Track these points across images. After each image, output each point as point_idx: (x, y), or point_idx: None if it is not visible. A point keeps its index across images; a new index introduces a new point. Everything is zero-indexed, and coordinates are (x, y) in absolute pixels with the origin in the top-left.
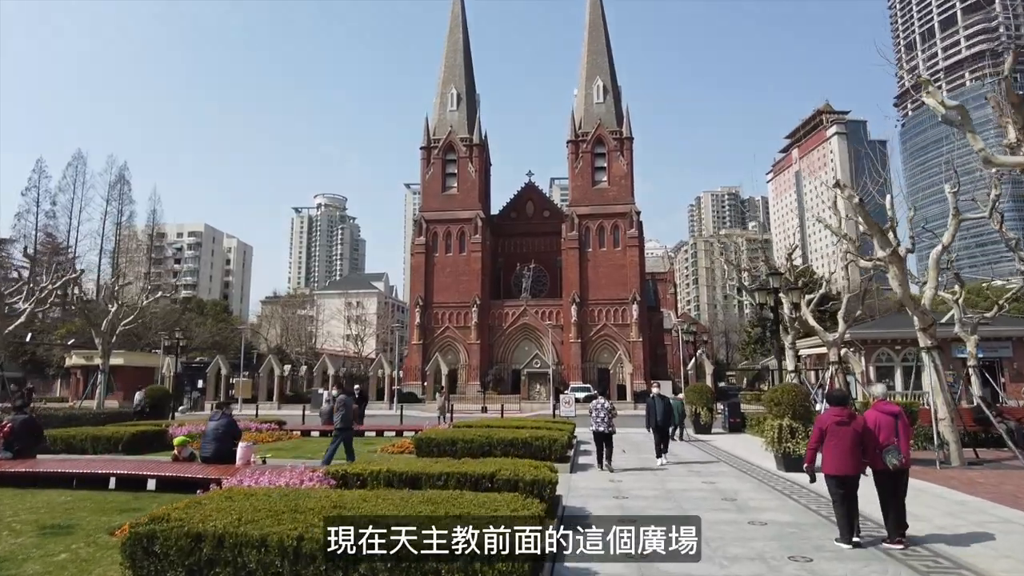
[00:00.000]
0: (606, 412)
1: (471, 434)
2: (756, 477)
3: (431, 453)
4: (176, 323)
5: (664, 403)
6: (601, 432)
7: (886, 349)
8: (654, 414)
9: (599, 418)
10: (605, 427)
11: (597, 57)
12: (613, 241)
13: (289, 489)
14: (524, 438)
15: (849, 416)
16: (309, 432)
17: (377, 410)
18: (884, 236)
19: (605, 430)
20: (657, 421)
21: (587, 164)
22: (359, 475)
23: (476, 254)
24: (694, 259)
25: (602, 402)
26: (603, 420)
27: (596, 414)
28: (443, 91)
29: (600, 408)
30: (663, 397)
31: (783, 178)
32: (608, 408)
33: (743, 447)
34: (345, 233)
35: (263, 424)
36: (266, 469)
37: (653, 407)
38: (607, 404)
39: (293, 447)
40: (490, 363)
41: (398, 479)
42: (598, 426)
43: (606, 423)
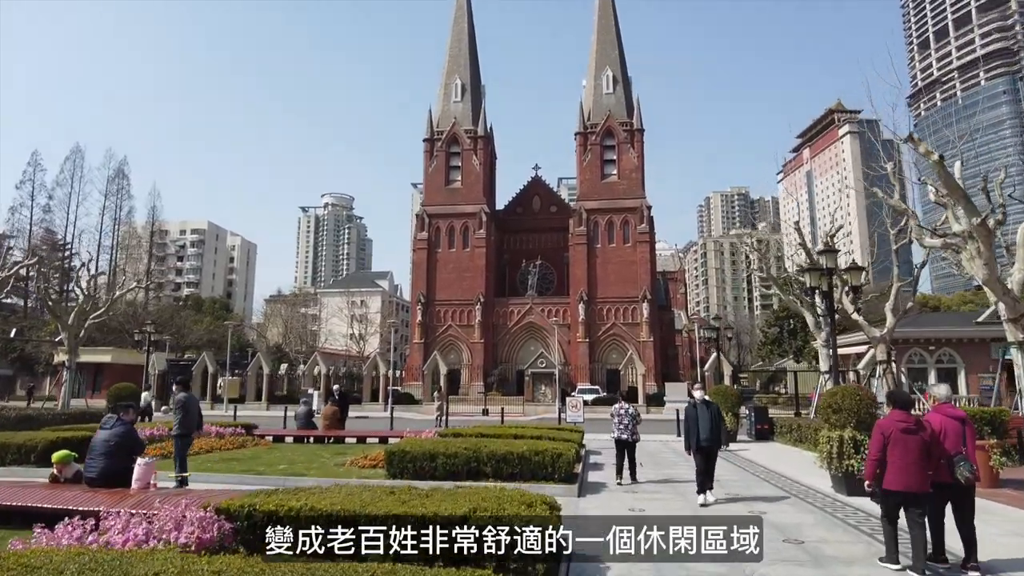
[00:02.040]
0: (630, 418)
1: (457, 446)
2: (814, 504)
3: (403, 472)
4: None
5: (711, 413)
6: (624, 440)
7: (918, 349)
8: (695, 429)
9: (622, 424)
10: (628, 435)
11: (607, 47)
12: (623, 237)
13: (114, 554)
14: (521, 452)
15: (916, 423)
16: (283, 438)
17: (371, 412)
18: (970, 203)
19: (628, 438)
20: (700, 439)
21: (596, 157)
22: (270, 515)
23: (480, 250)
24: (703, 259)
25: (625, 407)
26: (626, 427)
27: (619, 420)
28: (447, 81)
29: (623, 413)
30: (708, 404)
31: (794, 178)
32: (632, 414)
33: (782, 460)
34: (352, 233)
35: (227, 428)
36: (150, 498)
37: (695, 419)
38: (631, 409)
39: (250, 457)
40: (494, 363)
41: (324, 520)
42: (620, 433)
43: (629, 430)
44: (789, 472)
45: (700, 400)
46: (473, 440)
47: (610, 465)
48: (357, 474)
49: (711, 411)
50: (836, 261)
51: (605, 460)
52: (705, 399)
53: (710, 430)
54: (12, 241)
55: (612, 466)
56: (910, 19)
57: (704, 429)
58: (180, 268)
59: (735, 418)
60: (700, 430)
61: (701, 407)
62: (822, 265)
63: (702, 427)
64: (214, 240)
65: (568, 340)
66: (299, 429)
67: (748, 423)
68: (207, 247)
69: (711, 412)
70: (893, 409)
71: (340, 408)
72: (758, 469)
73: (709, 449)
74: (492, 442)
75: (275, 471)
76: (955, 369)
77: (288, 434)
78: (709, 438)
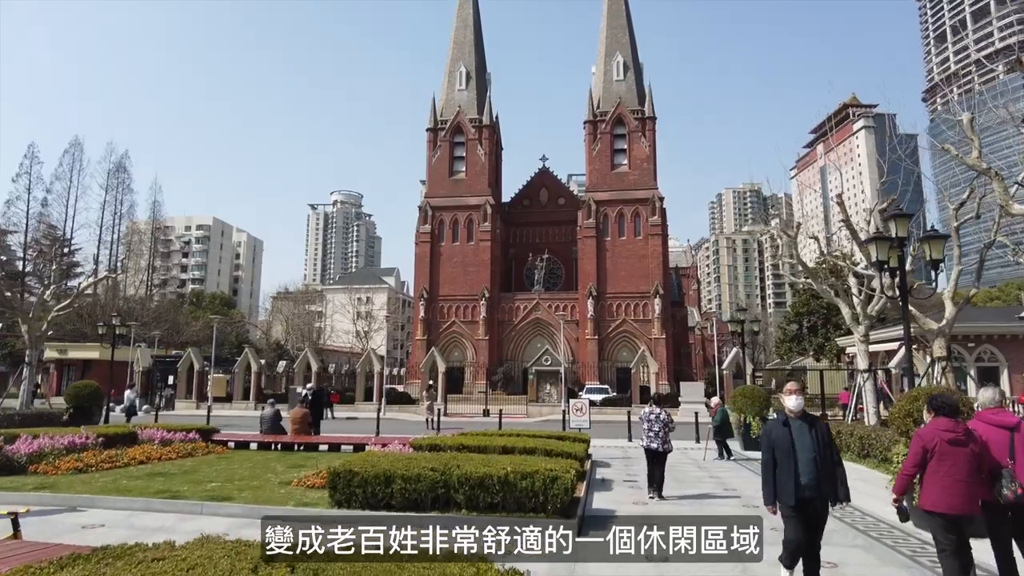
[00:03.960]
0: (661, 425)
1: (421, 466)
2: (883, 541)
3: (351, 499)
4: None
5: (818, 437)
6: (654, 450)
7: (955, 347)
8: (790, 467)
9: (652, 432)
10: (660, 444)
11: (617, 32)
12: (634, 229)
13: None
14: (504, 475)
15: (966, 432)
16: (248, 444)
17: (364, 412)
18: None
19: (660, 448)
20: (800, 485)
21: (606, 146)
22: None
23: (485, 243)
24: (716, 256)
25: (656, 411)
26: (657, 434)
27: (649, 426)
28: (451, 69)
29: (654, 419)
30: (812, 422)
31: (807, 174)
32: (665, 420)
33: None
34: (361, 230)
35: (177, 433)
36: None
37: (788, 448)
38: (663, 414)
39: (185, 470)
40: (499, 361)
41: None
42: (650, 442)
43: (661, 438)
44: None
45: (795, 412)
46: (447, 457)
47: (621, 483)
48: (299, 498)
49: (817, 435)
50: (907, 229)
51: (616, 474)
52: (804, 412)
53: (817, 469)
54: (9, 237)
55: (624, 484)
56: (927, 12)
57: (807, 468)
58: (185, 264)
59: (763, 422)
60: (799, 471)
61: (799, 427)
62: (891, 234)
63: (802, 464)
64: (219, 236)
65: (576, 337)
66: (264, 434)
67: None
68: (212, 243)
69: (817, 437)
70: (936, 416)
71: (314, 410)
72: None
73: (815, 507)
74: (470, 460)
75: (199, 492)
76: (997, 368)
77: (253, 439)
78: (815, 484)
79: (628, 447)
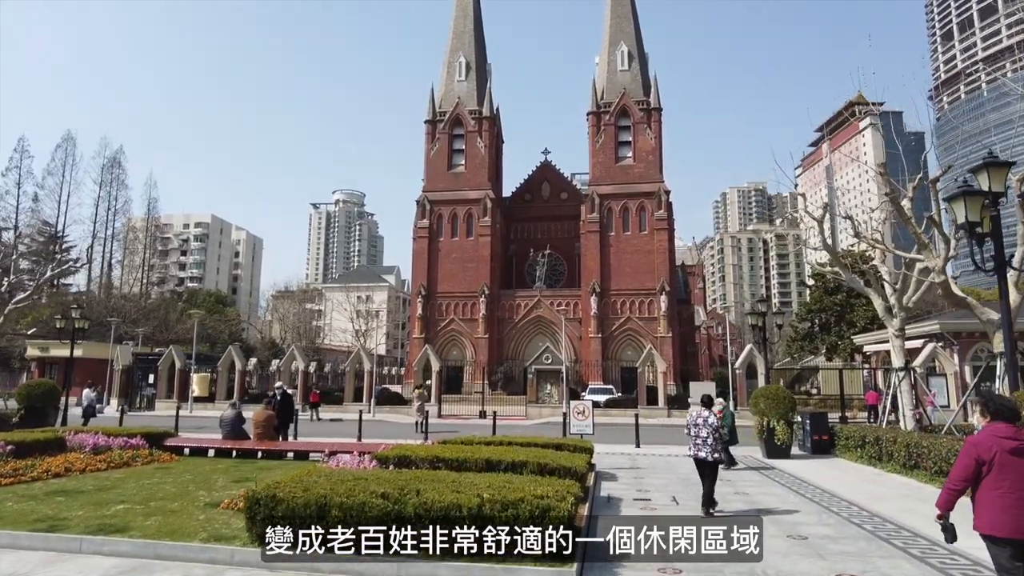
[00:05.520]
0: (710, 430)
1: (367, 493)
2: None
3: None
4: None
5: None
6: (703, 459)
7: (986, 345)
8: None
9: (699, 439)
10: (709, 452)
11: (621, 21)
12: (639, 224)
13: None
14: (478, 505)
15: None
16: (206, 450)
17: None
18: None
19: (708, 456)
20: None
21: (610, 138)
22: None
23: (485, 238)
24: (720, 255)
25: (704, 415)
26: (705, 441)
27: (695, 432)
28: (450, 60)
29: (701, 423)
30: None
31: (812, 173)
32: (713, 424)
33: (863, 488)
34: (363, 229)
35: (118, 439)
36: None
37: None
38: (711, 418)
39: (100, 487)
40: (499, 360)
41: None
42: (698, 450)
43: (710, 446)
44: (879, 508)
45: None
46: (408, 477)
47: (631, 502)
48: (216, 529)
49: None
50: (1007, 181)
51: (624, 490)
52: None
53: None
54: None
55: (636, 504)
56: (933, 10)
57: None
58: (183, 263)
59: (788, 427)
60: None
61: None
62: (985, 188)
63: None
64: (218, 234)
65: (579, 335)
66: (225, 439)
67: (803, 433)
68: (211, 241)
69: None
70: (993, 421)
71: (282, 412)
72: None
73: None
74: (437, 482)
75: (92, 520)
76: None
77: (211, 444)
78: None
79: (637, 455)
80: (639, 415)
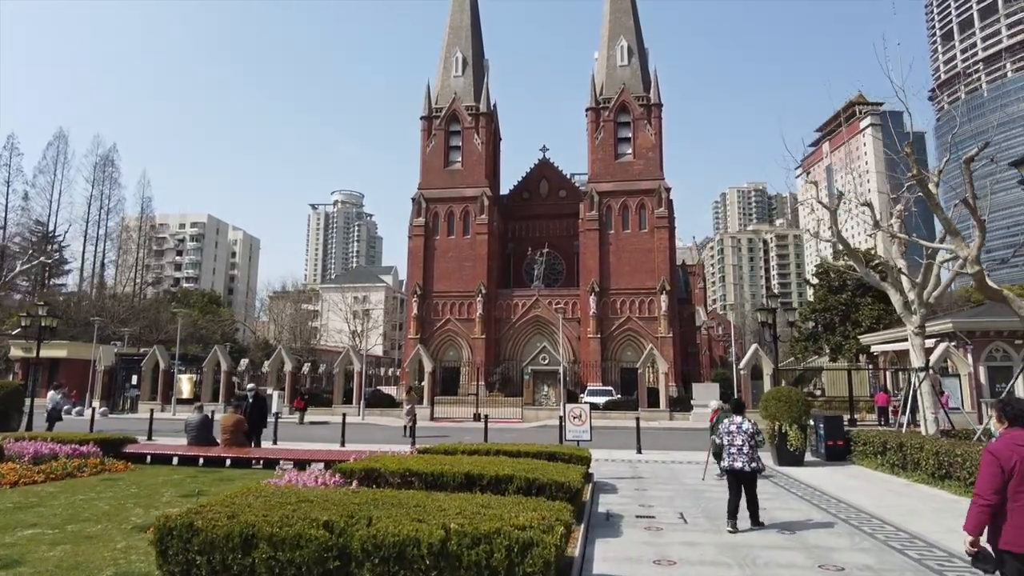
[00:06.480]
0: (746, 438)
1: (311, 516)
2: None
3: (188, 572)
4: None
5: None
6: (739, 470)
7: (1001, 344)
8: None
9: (735, 447)
10: (745, 462)
11: (621, 16)
12: (639, 222)
13: None
14: (442, 540)
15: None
16: (170, 458)
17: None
18: None
19: (745, 467)
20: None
21: (609, 135)
22: None
23: (482, 237)
24: (720, 255)
25: (738, 421)
26: (740, 450)
27: (730, 440)
28: (447, 55)
29: (735, 430)
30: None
31: (812, 173)
32: (749, 430)
33: (891, 502)
34: (362, 230)
35: (68, 445)
36: None
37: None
38: (747, 424)
39: (11, 508)
40: (497, 361)
41: None
42: (733, 460)
43: (747, 455)
44: (931, 533)
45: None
46: (363, 499)
47: (633, 520)
48: (132, 564)
49: None
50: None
51: (625, 505)
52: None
53: None
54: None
55: (639, 522)
56: (933, 9)
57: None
58: (179, 263)
59: (802, 432)
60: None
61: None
62: None
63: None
64: (214, 234)
65: (578, 336)
66: (190, 445)
67: (816, 438)
68: (207, 241)
69: None
70: (1009, 428)
71: (253, 416)
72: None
73: None
74: (396, 506)
75: None
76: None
77: (176, 452)
78: None
79: (638, 461)
80: (640, 418)
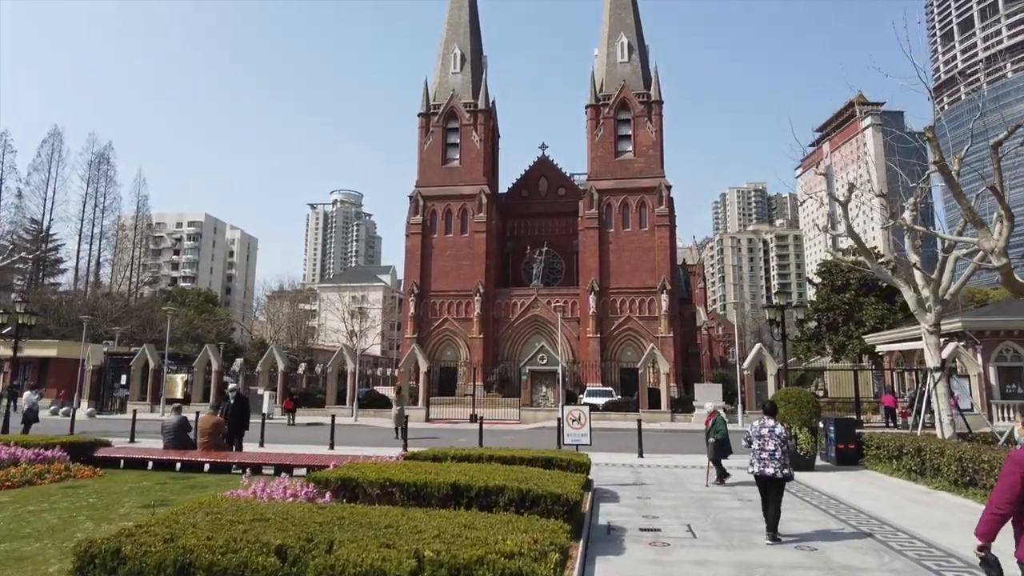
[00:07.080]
0: (778, 442)
1: (261, 540)
2: None
3: None
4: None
5: None
6: (769, 476)
7: (1011, 344)
8: None
9: (764, 452)
10: (777, 468)
11: (621, 12)
12: (639, 220)
13: None
14: (409, 571)
15: None
16: (145, 462)
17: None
18: None
19: (777, 473)
20: None
21: (609, 132)
22: None
23: (480, 235)
24: (720, 256)
25: (770, 425)
26: (772, 455)
27: (761, 445)
28: (445, 51)
29: (767, 435)
30: None
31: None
32: (781, 435)
33: (915, 512)
34: (361, 230)
35: (32, 449)
36: None
37: None
38: (779, 428)
39: None
40: (495, 360)
41: None
42: (763, 466)
43: (778, 461)
44: (966, 550)
45: None
46: (328, 516)
47: (636, 533)
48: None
49: None
50: None
51: (627, 515)
52: None
53: None
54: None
55: (643, 536)
56: (933, 10)
57: None
58: (176, 262)
59: (812, 435)
60: None
61: None
62: None
63: None
64: (212, 233)
65: (577, 335)
66: (167, 448)
67: (826, 441)
68: (204, 240)
69: None
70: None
71: (235, 418)
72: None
73: None
74: (363, 530)
75: None
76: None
77: (150, 456)
78: None
79: (640, 466)
80: (641, 420)
